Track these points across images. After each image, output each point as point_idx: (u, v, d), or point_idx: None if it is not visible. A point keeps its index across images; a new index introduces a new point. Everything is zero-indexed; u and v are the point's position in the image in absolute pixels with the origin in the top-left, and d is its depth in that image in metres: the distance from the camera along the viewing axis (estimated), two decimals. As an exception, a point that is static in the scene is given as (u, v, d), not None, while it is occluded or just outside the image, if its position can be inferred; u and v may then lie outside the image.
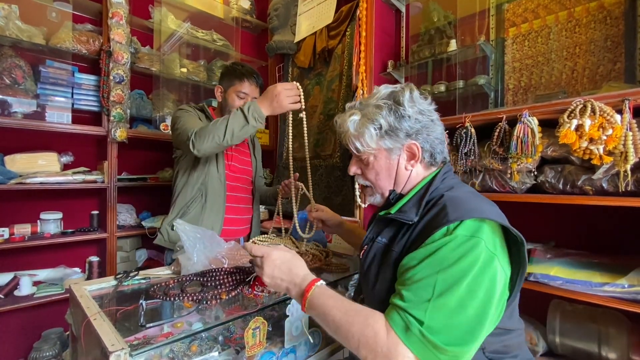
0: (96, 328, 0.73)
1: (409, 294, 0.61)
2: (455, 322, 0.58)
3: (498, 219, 0.65)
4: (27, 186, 1.67)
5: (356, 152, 0.83)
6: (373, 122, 0.78)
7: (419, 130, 0.78)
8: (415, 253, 0.66)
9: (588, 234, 1.23)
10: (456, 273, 0.59)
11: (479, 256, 0.60)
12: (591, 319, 1.08)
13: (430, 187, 0.76)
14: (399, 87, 0.82)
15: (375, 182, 0.84)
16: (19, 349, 1.86)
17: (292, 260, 0.76)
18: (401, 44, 1.79)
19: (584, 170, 1.02)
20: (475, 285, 0.59)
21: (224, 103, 1.49)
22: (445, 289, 0.58)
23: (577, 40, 1.25)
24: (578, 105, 0.95)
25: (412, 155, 0.79)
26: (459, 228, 0.63)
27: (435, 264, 0.61)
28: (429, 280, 0.60)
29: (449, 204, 0.67)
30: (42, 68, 1.77)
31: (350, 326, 0.62)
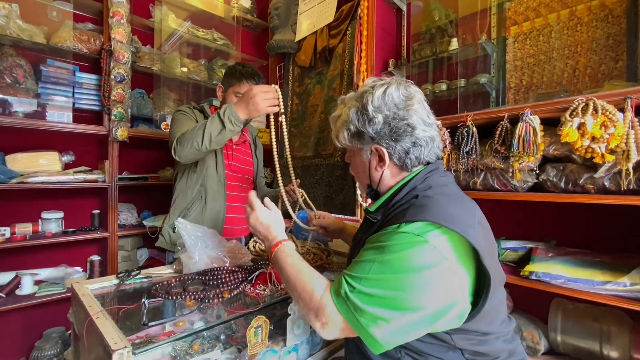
0: (99, 326, 0.73)
1: (353, 266, 0.68)
2: (381, 299, 0.61)
3: (454, 228, 0.61)
4: (29, 185, 1.67)
5: (339, 145, 0.87)
6: (344, 123, 0.81)
7: (386, 135, 0.75)
8: (371, 237, 0.72)
9: (590, 232, 1.23)
10: (393, 260, 0.62)
11: (420, 253, 0.61)
12: (593, 318, 1.08)
13: (404, 188, 0.75)
14: (379, 84, 0.78)
15: (357, 175, 0.89)
16: (21, 348, 1.86)
17: (273, 220, 0.90)
18: (402, 43, 1.79)
19: (586, 169, 1.02)
20: (409, 276, 0.60)
21: (224, 103, 1.50)
22: (380, 271, 0.63)
23: (578, 39, 1.25)
24: (580, 103, 0.95)
25: (380, 158, 0.78)
26: (408, 226, 0.64)
27: (378, 249, 0.65)
28: (370, 259, 0.66)
29: (415, 205, 0.68)
30: (43, 67, 1.77)
31: (297, 282, 0.73)
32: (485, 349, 0.68)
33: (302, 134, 2.35)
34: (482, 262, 0.61)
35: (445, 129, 1.25)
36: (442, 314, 0.61)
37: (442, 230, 0.62)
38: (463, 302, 0.62)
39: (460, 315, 0.63)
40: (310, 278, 0.72)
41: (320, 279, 0.73)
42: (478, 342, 0.68)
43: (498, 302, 0.67)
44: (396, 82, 0.78)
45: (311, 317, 0.69)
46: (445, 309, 0.61)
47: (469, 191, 1.25)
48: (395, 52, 1.80)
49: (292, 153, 2.47)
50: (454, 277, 0.62)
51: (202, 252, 1.12)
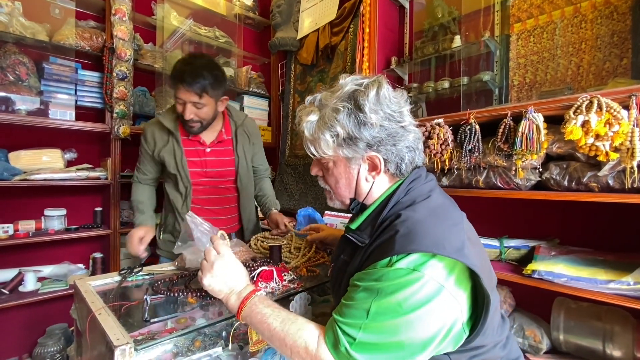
0: (101, 323, 0.73)
1: (347, 311, 0.62)
2: (384, 347, 0.57)
3: (450, 253, 0.58)
4: (31, 182, 1.68)
5: (312, 156, 0.76)
6: (329, 129, 0.69)
7: (382, 141, 0.68)
8: (360, 274, 0.65)
9: (593, 231, 1.23)
10: (392, 304, 0.57)
11: (419, 289, 0.57)
12: (596, 317, 1.08)
13: (389, 202, 0.70)
14: (366, 83, 0.70)
15: (335, 190, 0.77)
16: (24, 344, 1.87)
17: (234, 270, 0.79)
18: (405, 41, 1.78)
19: (590, 167, 1.02)
20: (412, 318, 0.57)
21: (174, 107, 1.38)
22: (378, 315, 0.58)
23: (583, 36, 1.24)
24: (584, 101, 0.94)
25: (374, 166, 0.71)
26: (401, 261, 0.59)
27: (374, 291, 0.60)
28: (365, 304, 0.59)
29: (401, 230, 0.62)
30: (45, 65, 1.77)
31: (285, 335, 0.64)
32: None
33: (304, 132, 2.35)
34: (481, 283, 0.60)
35: (448, 127, 1.24)
36: (443, 339, 0.60)
37: (437, 259, 0.59)
38: (461, 323, 0.61)
39: (458, 336, 0.62)
40: (297, 329, 0.64)
41: (308, 327, 0.65)
42: (474, 356, 0.66)
43: (493, 310, 0.63)
44: (379, 80, 0.71)
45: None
46: (447, 333, 0.60)
47: (472, 189, 1.24)
48: (397, 50, 1.80)
49: (293, 151, 2.48)
50: (453, 302, 0.59)
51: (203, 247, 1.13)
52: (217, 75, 1.32)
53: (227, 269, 0.78)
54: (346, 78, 0.73)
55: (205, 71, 1.28)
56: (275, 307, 0.70)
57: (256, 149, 1.58)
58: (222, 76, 1.35)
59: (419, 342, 0.58)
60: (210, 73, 1.29)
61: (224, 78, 1.37)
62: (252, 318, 0.70)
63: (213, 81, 1.30)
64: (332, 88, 0.74)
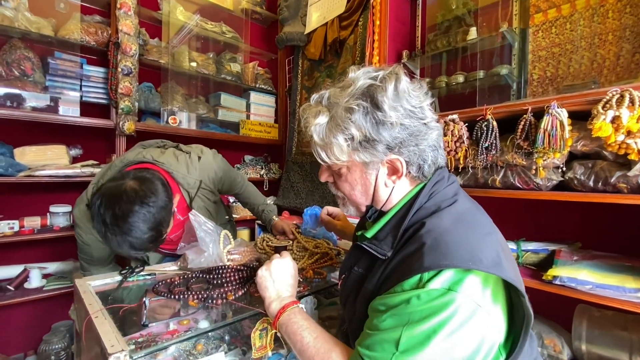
0: (97, 327, 0.70)
1: (373, 342, 0.55)
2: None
3: (489, 267, 0.52)
4: (37, 179, 1.67)
5: (323, 163, 0.67)
6: (343, 131, 0.61)
7: (404, 141, 0.60)
8: (385, 297, 0.57)
9: (619, 235, 1.15)
10: (425, 331, 0.51)
11: (455, 312, 0.51)
12: (622, 326, 1.01)
13: (412, 207, 0.62)
14: (381, 76, 0.61)
15: (350, 197, 0.70)
16: (29, 341, 1.87)
17: (287, 277, 0.79)
18: (417, 34, 1.71)
19: (618, 166, 0.94)
20: (448, 344, 0.50)
21: None
22: (411, 347, 0.51)
23: (609, 27, 1.16)
24: (614, 95, 0.87)
25: (394, 170, 0.64)
26: (434, 280, 0.52)
27: (402, 316, 0.53)
28: (394, 334, 0.52)
29: (428, 242, 0.55)
30: (50, 60, 1.76)
31: (316, 352, 0.61)
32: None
33: (311, 129, 2.30)
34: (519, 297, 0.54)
35: (463, 123, 1.18)
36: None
37: (474, 274, 0.53)
38: (498, 345, 0.55)
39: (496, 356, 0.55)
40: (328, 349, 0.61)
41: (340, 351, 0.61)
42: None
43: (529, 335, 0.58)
44: (395, 72, 0.63)
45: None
46: (483, 357, 0.54)
47: (487, 189, 1.18)
48: (409, 43, 1.73)
49: (301, 148, 2.43)
50: (490, 322, 0.53)
51: (215, 247, 1.09)
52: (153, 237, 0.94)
53: (282, 274, 0.79)
54: (356, 71, 0.65)
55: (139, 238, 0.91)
56: (312, 322, 0.67)
57: (225, 182, 1.35)
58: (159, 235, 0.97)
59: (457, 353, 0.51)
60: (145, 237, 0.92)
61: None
62: (288, 327, 0.67)
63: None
64: (341, 83, 0.66)
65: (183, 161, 1.20)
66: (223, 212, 1.47)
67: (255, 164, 2.70)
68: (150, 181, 0.96)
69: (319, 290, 1.06)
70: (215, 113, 2.44)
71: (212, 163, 1.29)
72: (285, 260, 0.82)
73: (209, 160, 1.28)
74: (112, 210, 0.86)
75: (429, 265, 0.52)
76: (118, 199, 0.87)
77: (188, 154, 1.24)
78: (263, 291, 0.77)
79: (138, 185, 0.91)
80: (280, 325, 0.69)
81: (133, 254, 1.03)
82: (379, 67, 0.66)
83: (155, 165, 1.13)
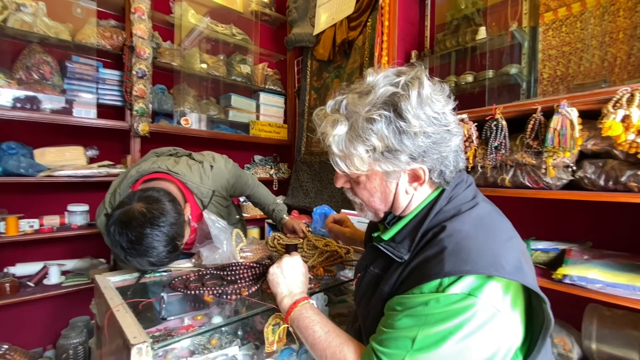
0: (119, 320, 0.73)
1: (387, 339, 0.55)
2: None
3: (512, 274, 0.52)
4: (55, 179, 1.73)
5: (341, 172, 0.66)
6: (364, 142, 0.59)
7: (428, 149, 0.58)
8: (402, 298, 0.57)
9: (630, 234, 1.15)
10: (441, 331, 0.51)
11: (473, 316, 0.51)
12: (632, 325, 1.01)
13: (431, 211, 0.62)
14: (403, 82, 0.59)
15: (368, 203, 0.69)
16: (48, 336, 1.94)
17: (298, 275, 0.81)
18: (425, 34, 1.72)
19: (629, 165, 0.94)
20: (462, 346, 0.51)
21: None
22: (426, 345, 0.52)
23: (620, 25, 1.15)
24: (625, 94, 0.87)
25: (416, 177, 0.62)
26: (455, 285, 0.52)
27: (419, 317, 0.53)
28: (409, 333, 0.53)
29: (449, 247, 0.54)
30: (68, 64, 1.81)
31: (327, 346, 0.62)
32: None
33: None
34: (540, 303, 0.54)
35: (472, 123, 1.19)
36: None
37: (495, 280, 0.53)
38: (515, 348, 0.56)
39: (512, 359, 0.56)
40: (339, 343, 0.62)
41: (352, 345, 0.62)
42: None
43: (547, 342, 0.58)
44: (418, 76, 0.60)
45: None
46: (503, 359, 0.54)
47: (497, 189, 1.18)
48: (417, 43, 1.74)
49: (309, 148, 2.46)
50: (508, 327, 0.54)
51: (228, 244, 1.12)
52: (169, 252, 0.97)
53: (293, 272, 0.81)
54: (374, 75, 0.62)
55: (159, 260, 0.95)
56: (323, 317, 0.69)
57: (236, 188, 1.39)
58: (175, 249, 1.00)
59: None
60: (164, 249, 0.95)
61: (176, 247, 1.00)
62: (300, 321, 0.69)
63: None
64: (359, 88, 0.63)
65: (196, 171, 1.23)
66: (234, 212, 1.50)
67: (264, 163, 2.74)
68: (157, 200, 0.97)
69: (329, 287, 1.08)
70: (225, 114, 2.48)
71: (224, 171, 1.32)
72: (295, 258, 0.86)
73: (221, 168, 1.31)
74: (126, 235, 0.90)
75: (450, 271, 0.52)
76: (129, 225, 0.90)
77: (201, 164, 1.27)
78: (275, 287, 0.80)
79: (146, 207, 0.93)
80: (292, 320, 0.71)
81: (156, 269, 1.05)
82: (399, 70, 0.63)
83: (170, 176, 1.17)
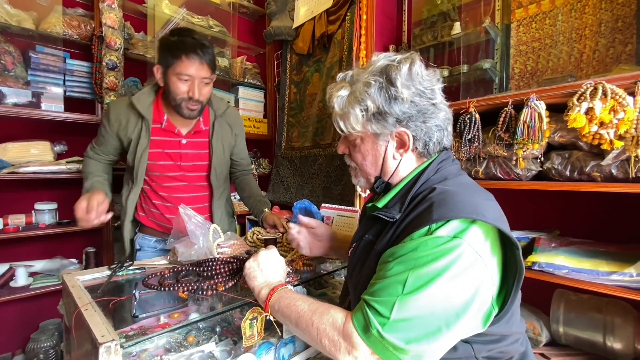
0: (87, 319, 0.70)
1: (378, 290, 0.59)
2: (421, 321, 0.55)
3: (491, 220, 0.58)
4: (20, 176, 1.64)
5: (340, 132, 0.76)
6: (359, 103, 0.69)
7: (412, 117, 0.67)
8: (394, 249, 0.62)
9: (595, 222, 1.21)
10: (430, 272, 0.55)
11: (458, 257, 0.55)
12: (596, 309, 1.06)
13: (419, 180, 0.69)
14: (399, 58, 0.69)
15: (361, 166, 0.77)
16: (16, 340, 1.85)
17: (275, 266, 0.82)
18: (403, 28, 1.73)
19: (593, 156, 0.99)
20: (449, 286, 0.55)
21: (166, 88, 1.21)
22: (416, 288, 0.55)
23: (586, 22, 1.20)
24: (588, 87, 0.91)
25: (402, 143, 0.70)
26: (442, 228, 0.58)
27: (411, 261, 0.57)
28: (400, 277, 0.57)
29: (437, 201, 0.61)
30: (32, 54, 1.71)
31: (313, 313, 0.63)
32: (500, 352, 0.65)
33: (300, 123, 2.31)
34: (514, 253, 0.59)
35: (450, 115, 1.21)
36: (476, 311, 0.58)
37: (478, 225, 0.58)
38: (491, 298, 0.59)
39: (488, 313, 0.60)
40: (325, 309, 0.63)
41: (337, 309, 0.63)
42: (497, 348, 0.64)
43: (518, 297, 0.63)
44: (412, 57, 0.70)
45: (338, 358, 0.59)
46: (480, 305, 0.58)
47: (471, 180, 1.21)
48: (395, 38, 1.75)
49: (290, 143, 2.44)
50: (487, 272, 0.58)
51: (205, 240, 1.10)
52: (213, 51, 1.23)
53: (270, 264, 0.81)
54: (379, 55, 0.73)
55: (209, 44, 1.19)
56: (304, 296, 0.70)
57: (238, 140, 1.46)
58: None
59: (454, 311, 0.55)
60: (211, 47, 1.21)
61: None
62: (281, 302, 0.69)
63: (214, 57, 1.22)
64: (364, 65, 0.75)
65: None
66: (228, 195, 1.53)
67: (244, 159, 2.69)
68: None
69: (309, 280, 1.09)
70: (203, 108, 2.42)
71: (239, 117, 1.48)
72: (271, 251, 0.85)
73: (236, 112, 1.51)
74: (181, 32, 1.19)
75: (437, 218, 0.58)
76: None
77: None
78: (252, 281, 0.79)
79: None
80: (272, 306, 0.71)
81: (191, 50, 1.15)
82: (398, 53, 0.73)
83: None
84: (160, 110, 1.27)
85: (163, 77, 1.20)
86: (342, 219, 1.58)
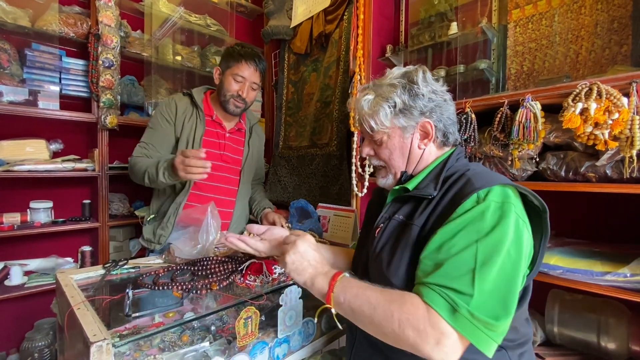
0: (79, 318, 0.70)
1: (447, 268, 0.58)
2: (499, 292, 0.56)
3: (519, 187, 0.67)
4: (15, 174, 1.63)
5: (370, 131, 0.82)
6: (387, 100, 0.78)
7: (432, 109, 0.78)
8: (448, 226, 0.62)
9: (590, 222, 1.21)
10: (495, 240, 0.58)
11: (512, 222, 0.60)
12: (591, 309, 1.06)
13: (446, 165, 0.76)
14: (412, 68, 0.82)
15: (389, 161, 0.83)
16: (11, 339, 1.84)
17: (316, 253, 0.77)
18: (400, 28, 1.73)
19: (588, 156, 0.99)
20: (512, 251, 0.59)
21: (220, 86, 1.44)
22: (488, 258, 0.57)
23: (582, 23, 1.20)
24: (583, 88, 0.91)
25: (426, 134, 0.79)
26: (490, 195, 0.63)
27: (473, 233, 0.59)
28: (470, 251, 0.58)
29: (472, 176, 0.68)
30: (28, 52, 1.71)
31: (390, 304, 0.59)
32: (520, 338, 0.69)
33: (298, 123, 2.31)
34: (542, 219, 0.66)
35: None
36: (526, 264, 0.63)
37: (514, 192, 0.65)
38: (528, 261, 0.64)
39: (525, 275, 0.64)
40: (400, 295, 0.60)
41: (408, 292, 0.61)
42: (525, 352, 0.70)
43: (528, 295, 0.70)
44: (422, 67, 0.82)
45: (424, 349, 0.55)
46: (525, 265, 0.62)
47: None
48: (393, 38, 1.75)
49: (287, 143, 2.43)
50: (527, 234, 0.63)
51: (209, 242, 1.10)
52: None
53: (312, 253, 0.76)
54: (392, 69, 0.84)
55: (264, 59, 1.46)
56: (367, 283, 0.65)
57: (261, 151, 1.70)
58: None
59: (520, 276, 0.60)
60: (265, 61, 1.47)
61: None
62: (347, 293, 0.64)
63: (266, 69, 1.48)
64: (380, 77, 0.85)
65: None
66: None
67: (242, 158, 2.69)
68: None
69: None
70: (200, 107, 2.41)
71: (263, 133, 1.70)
72: (308, 239, 0.79)
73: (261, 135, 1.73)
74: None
75: (482, 185, 0.64)
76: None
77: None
78: (302, 275, 0.73)
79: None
80: (336, 298, 0.66)
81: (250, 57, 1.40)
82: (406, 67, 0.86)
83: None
84: (209, 106, 1.48)
85: (220, 76, 1.44)
86: (338, 218, 1.58)
